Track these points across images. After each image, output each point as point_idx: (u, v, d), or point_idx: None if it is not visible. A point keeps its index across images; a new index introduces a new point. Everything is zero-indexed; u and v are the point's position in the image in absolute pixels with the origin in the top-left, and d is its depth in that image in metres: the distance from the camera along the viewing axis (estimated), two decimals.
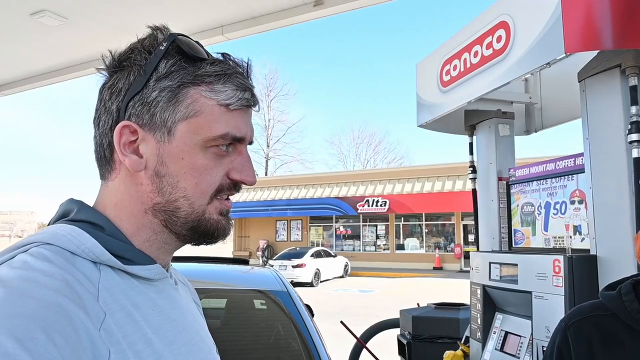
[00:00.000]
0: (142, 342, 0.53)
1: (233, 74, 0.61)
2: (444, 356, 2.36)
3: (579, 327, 1.02)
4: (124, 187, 0.60)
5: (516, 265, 1.97)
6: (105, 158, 0.61)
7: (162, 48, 0.59)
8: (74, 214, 0.59)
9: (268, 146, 36.39)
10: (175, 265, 2.30)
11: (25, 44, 5.20)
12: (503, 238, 2.37)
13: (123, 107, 0.58)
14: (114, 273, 0.55)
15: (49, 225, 0.59)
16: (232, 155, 0.62)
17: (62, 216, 0.60)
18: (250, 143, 0.65)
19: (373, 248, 22.53)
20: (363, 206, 20.57)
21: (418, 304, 3.36)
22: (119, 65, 0.60)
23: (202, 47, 0.61)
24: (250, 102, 0.62)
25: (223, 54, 0.63)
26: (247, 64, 0.63)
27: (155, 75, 0.58)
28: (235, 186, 0.63)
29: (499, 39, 1.87)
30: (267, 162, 36.30)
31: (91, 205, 0.62)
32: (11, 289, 0.46)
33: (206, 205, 0.61)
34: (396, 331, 3.20)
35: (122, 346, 0.51)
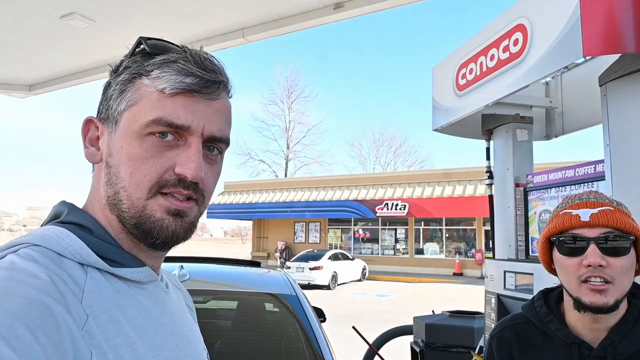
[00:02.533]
0: (125, 346, 0.53)
1: (177, 61, 0.58)
2: None
3: (500, 337, 1.12)
4: (94, 182, 0.62)
5: (532, 274, 1.91)
6: None
7: (131, 50, 0.61)
8: (64, 216, 0.60)
9: (288, 148, 36.55)
10: (187, 265, 2.30)
11: (55, 46, 5.39)
12: (520, 246, 2.31)
13: (100, 107, 0.62)
14: (101, 276, 0.55)
15: (41, 226, 0.60)
16: (180, 148, 0.57)
17: (54, 218, 0.61)
18: (214, 139, 0.60)
19: (392, 252, 22.32)
20: (382, 209, 20.40)
21: (433, 311, 3.30)
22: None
23: (180, 47, 0.61)
24: (191, 86, 0.57)
25: (182, 47, 0.61)
26: (200, 51, 0.60)
27: (116, 73, 0.61)
28: (180, 182, 0.57)
29: (515, 42, 1.83)
30: (286, 163, 36.47)
31: (81, 207, 0.62)
32: None
33: (145, 199, 0.57)
34: (410, 338, 3.15)
35: (103, 349, 0.51)
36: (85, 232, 0.57)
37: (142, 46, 0.60)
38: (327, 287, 15.01)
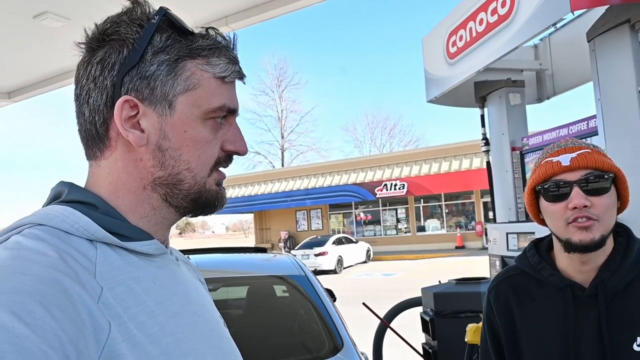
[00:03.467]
0: (145, 314, 0.53)
1: (224, 48, 0.62)
2: (467, 329, 2.36)
3: (497, 290, 1.14)
4: (121, 164, 0.59)
5: (534, 233, 1.95)
6: (98, 136, 0.59)
7: (154, 22, 0.58)
8: (65, 195, 0.59)
9: (283, 137, 36.43)
10: (194, 257, 2.31)
11: (31, 49, 5.22)
12: (520, 208, 2.34)
13: (118, 82, 0.57)
14: (111, 250, 0.55)
15: (42, 207, 0.58)
16: (224, 127, 0.63)
17: (54, 199, 0.59)
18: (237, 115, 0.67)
19: (394, 232, 22.48)
20: (381, 190, 20.48)
21: (439, 281, 3.35)
22: (107, 39, 0.59)
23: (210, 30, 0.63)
24: (241, 74, 0.64)
25: (207, 29, 0.63)
26: (234, 37, 0.64)
27: (151, 49, 0.58)
28: (229, 158, 0.64)
29: (503, 4, 1.83)
30: (282, 153, 36.39)
31: (82, 186, 0.61)
32: (4, 268, 0.46)
33: (207, 177, 0.62)
34: (420, 309, 3.21)
35: (122, 319, 0.50)
36: (89, 209, 0.57)
37: (164, 18, 0.59)
38: (334, 272, 15.15)
